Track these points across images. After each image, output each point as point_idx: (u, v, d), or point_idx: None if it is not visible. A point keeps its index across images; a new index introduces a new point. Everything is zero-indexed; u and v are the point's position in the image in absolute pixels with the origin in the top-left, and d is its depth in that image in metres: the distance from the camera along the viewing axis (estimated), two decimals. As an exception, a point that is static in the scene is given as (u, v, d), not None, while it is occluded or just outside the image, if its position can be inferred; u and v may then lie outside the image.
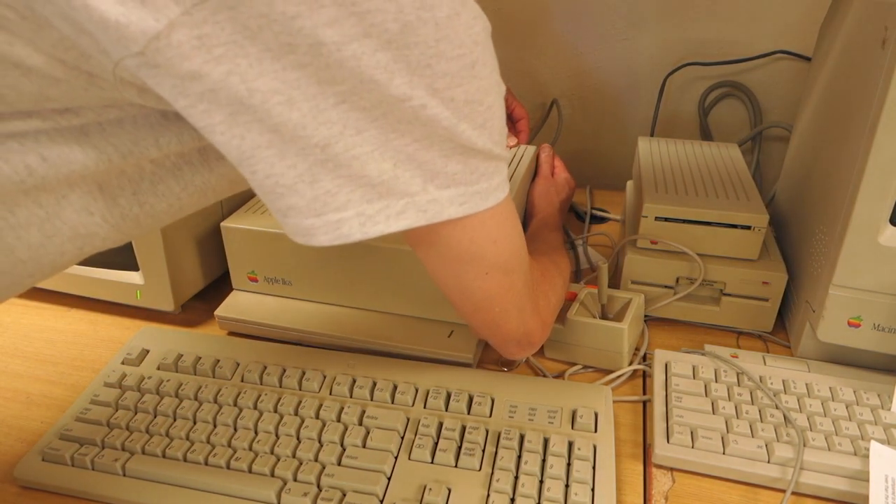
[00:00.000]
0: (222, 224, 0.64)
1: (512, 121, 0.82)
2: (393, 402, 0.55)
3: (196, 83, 0.30)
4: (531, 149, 0.76)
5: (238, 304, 0.66)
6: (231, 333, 0.66)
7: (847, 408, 0.52)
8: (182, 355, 0.60)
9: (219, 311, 0.66)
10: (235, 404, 0.54)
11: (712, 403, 0.53)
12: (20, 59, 0.30)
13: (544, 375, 0.60)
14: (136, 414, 0.54)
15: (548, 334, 0.53)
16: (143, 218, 0.40)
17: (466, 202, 0.38)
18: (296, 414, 0.53)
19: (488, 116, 0.36)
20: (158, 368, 0.59)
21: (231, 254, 0.66)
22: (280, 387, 0.56)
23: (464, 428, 0.52)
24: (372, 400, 0.55)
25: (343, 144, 0.33)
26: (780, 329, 0.66)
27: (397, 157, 0.34)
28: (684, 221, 0.63)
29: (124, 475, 0.49)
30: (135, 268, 0.65)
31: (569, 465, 0.48)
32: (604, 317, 0.61)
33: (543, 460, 0.49)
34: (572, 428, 0.51)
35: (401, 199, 0.36)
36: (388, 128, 0.33)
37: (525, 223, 0.72)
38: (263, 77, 0.30)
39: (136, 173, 0.39)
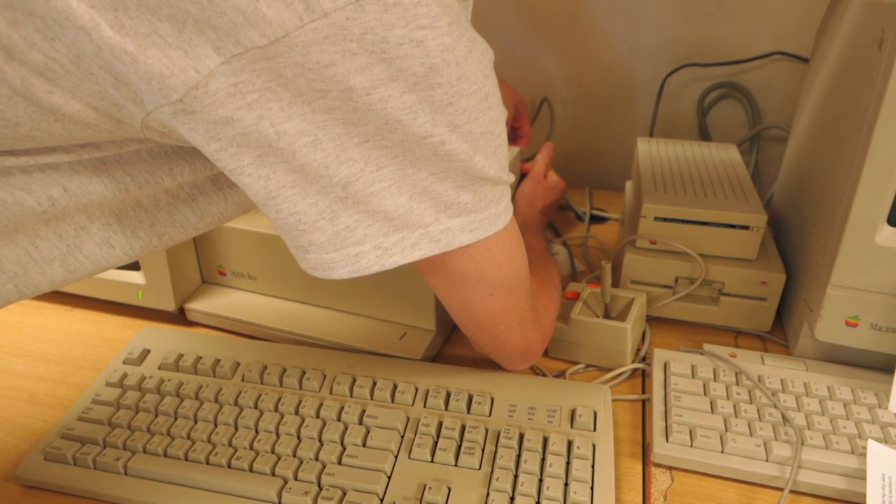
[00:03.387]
0: None
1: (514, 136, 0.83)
2: (393, 402, 0.55)
3: (228, 128, 0.31)
4: (514, 150, 0.76)
5: (206, 297, 0.68)
6: (194, 323, 0.68)
7: (845, 407, 0.53)
8: (183, 355, 0.60)
9: (187, 304, 0.67)
10: (236, 403, 0.55)
11: (711, 403, 0.54)
12: (57, 106, 0.31)
13: (544, 375, 0.60)
14: (137, 413, 0.54)
15: (546, 345, 0.54)
16: (161, 248, 0.41)
17: (476, 228, 0.38)
18: (296, 413, 0.53)
19: (498, 144, 0.37)
20: (160, 368, 0.59)
21: (201, 247, 0.68)
22: (280, 386, 0.57)
23: (463, 427, 0.52)
24: (372, 399, 0.55)
25: (363, 182, 0.34)
26: (779, 328, 0.66)
27: (413, 190, 0.35)
28: (683, 221, 0.64)
29: (126, 474, 0.50)
30: (136, 268, 0.66)
31: (568, 463, 0.49)
32: (607, 316, 0.62)
33: (543, 459, 0.49)
34: (571, 427, 0.52)
35: (415, 230, 0.36)
36: (407, 163, 0.34)
37: None
38: (292, 120, 0.31)
39: (153, 204, 0.40)
